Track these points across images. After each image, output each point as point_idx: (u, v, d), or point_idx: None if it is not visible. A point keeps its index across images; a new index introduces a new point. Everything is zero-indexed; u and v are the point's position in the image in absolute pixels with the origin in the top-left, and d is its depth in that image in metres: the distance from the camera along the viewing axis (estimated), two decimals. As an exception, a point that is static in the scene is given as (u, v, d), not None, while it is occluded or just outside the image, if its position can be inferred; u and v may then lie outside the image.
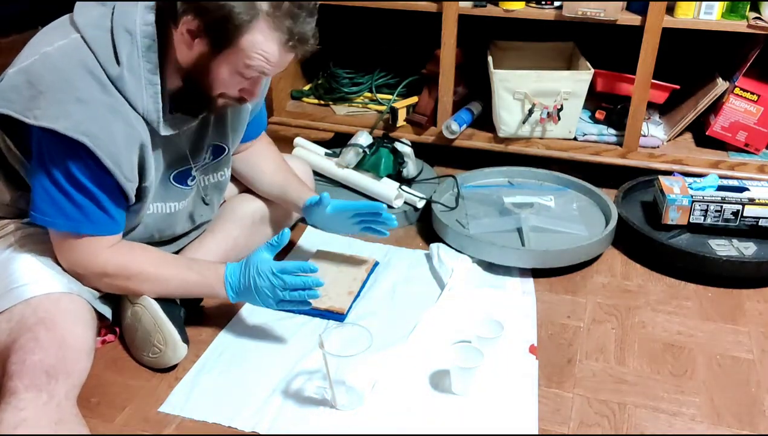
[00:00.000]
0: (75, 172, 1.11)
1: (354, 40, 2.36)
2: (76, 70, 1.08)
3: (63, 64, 1.08)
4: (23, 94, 1.08)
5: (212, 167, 1.39)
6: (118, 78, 1.10)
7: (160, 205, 1.31)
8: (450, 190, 1.88)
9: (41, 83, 1.08)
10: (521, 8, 1.88)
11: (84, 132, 1.07)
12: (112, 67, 1.10)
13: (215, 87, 1.15)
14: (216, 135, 1.36)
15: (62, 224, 1.15)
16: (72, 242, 1.18)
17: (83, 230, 1.17)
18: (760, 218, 1.64)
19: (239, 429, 1.16)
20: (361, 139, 1.91)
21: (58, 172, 1.11)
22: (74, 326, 1.13)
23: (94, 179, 1.12)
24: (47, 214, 1.14)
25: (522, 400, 1.22)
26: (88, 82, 1.08)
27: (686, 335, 1.41)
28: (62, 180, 1.11)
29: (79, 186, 1.12)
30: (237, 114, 1.38)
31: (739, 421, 1.19)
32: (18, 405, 1.00)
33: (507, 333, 1.34)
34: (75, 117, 1.07)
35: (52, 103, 1.07)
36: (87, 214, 1.15)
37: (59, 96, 1.07)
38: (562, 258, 1.58)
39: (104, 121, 1.09)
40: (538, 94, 1.88)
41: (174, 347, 1.26)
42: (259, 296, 1.26)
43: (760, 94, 1.86)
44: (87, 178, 1.12)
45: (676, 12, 1.78)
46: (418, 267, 1.63)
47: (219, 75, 1.13)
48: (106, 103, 1.09)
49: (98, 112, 1.09)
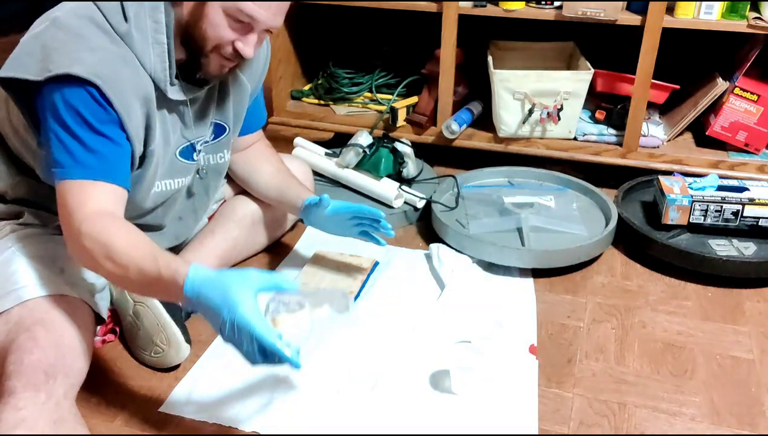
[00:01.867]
0: (87, 115, 1.09)
1: (354, 40, 2.36)
2: (86, 25, 1.10)
3: (73, 22, 1.10)
4: (37, 57, 1.10)
5: (213, 147, 1.39)
6: (126, 34, 1.12)
7: (168, 181, 1.31)
8: (450, 190, 1.88)
9: (54, 42, 1.09)
10: (521, 8, 1.88)
11: (96, 74, 1.08)
12: (120, 24, 1.12)
13: (209, 36, 1.15)
14: (218, 113, 1.36)
15: (77, 172, 1.10)
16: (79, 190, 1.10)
17: (97, 177, 1.11)
18: (760, 218, 1.64)
19: (239, 429, 1.16)
20: (361, 139, 1.91)
21: (70, 118, 1.09)
22: (72, 326, 1.13)
23: (106, 122, 1.11)
24: (64, 166, 1.10)
25: (522, 400, 1.22)
26: (99, 35, 1.11)
27: (686, 335, 1.41)
28: (75, 126, 1.09)
29: (92, 129, 1.10)
30: (238, 92, 1.38)
31: (739, 421, 1.20)
32: (17, 405, 1.00)
33: (507, 333, 1.35)
34: (88, 61, 1.08)
35: (63, 55, 1.08)
36: (100, 158, 1.11)
37: (71, 47, 1.09)
38: (562, 258, 1.58)
39: (114, 67, 1.11)
40: (538, 94, 1.88)
41: (177, 347, 1.26)
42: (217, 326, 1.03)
43: (760, 94, 1.86)
44: (99, 120, 1.10)
45: (676, 12, 1.78)
46: (418, 267, 1.63)
47: (212, 19, 1.13)
48: (116, 52, 1.11)
49: (109, 59, 1.10)
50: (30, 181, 1.24)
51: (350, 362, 1.30)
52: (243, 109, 1.42)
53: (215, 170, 1.43)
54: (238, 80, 1.37)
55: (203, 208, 1.48)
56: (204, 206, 1.48)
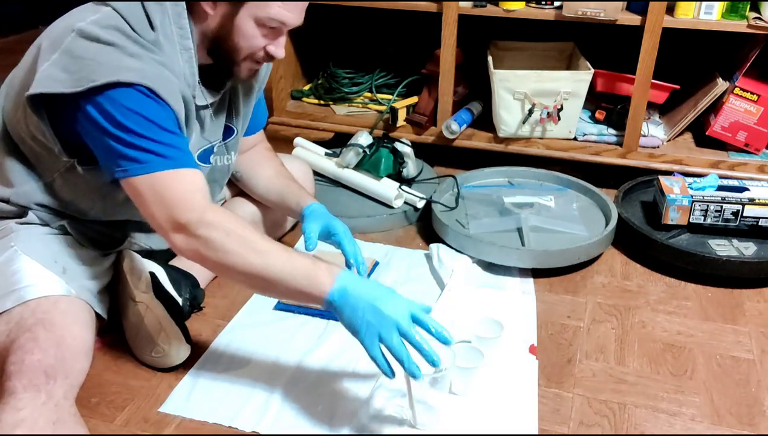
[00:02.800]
0: (143, 111, 1.07)
1: (354, 40, 2.36)
2: (117, 35, 1.09)
3: (102, 33, 1.08)
4: (71, 69, 1.07)
5: (222, 149, 1.40)
6: (155, 42, 1.12)
7: None
8: (450, 190, 1.88)
9: (87, 53, 1.07)
10: (521, 8, 1.88)
11: (146, 76, 1.07)
12: (147, 32, 1.12)
13: (242, 47, 1.18)
14: (228, 116, 1.37)
15: (156, 163, 1.07)
16: (162, 187, 1.08)
17: (177, 165, 1.09)
18: (760, 218, 1.64)
19: (239, 429, 1.16)
20: (361, 139, 1.91)
21: (127, 120, 1.06)
22: (73, 327, 1.13)
23: (167, 122, 1.10)
24: (132, 161, 1.07)
25: (522, 400, 1.22)
26: (131, 44, 1.10)
27: (686, 335, 1.41)
28: (134, 125, 1.06)
29: (152, 122, 1.08)
30: (247, 94, 1.39)
31: (739, 421, 1.20)
32: (16, 405, 1.00)
33: (507, 333, 1.35)
34: (134, 67, 1.07)
35: (103, 64, 1.06)
36: (172, 149, 1.09)
37: (109, 57, 1.07)
38: (562, 258, 1.58)
39: (157, 70, 1.10)
40: (538, 94, 1.88)
41: (178, 347, 1.26)
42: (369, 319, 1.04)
43: (760, 94, 1.86)
44: (154, 113, 1.08)
45: (676, 12, 1.78)
46: (418, 267, 1.63)
47: (245, 31, 1.16)
48: (153, 58, 1.11)
49: (150, 63, 1.10)
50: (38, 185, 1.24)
51: (350, 363, 1.30)
52: (250, 110, 1.44)
53: (222, 172, 1.43)
54: (248, 82, 1.38)
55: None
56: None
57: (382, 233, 1.78)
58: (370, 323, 1.04)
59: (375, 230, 1.78)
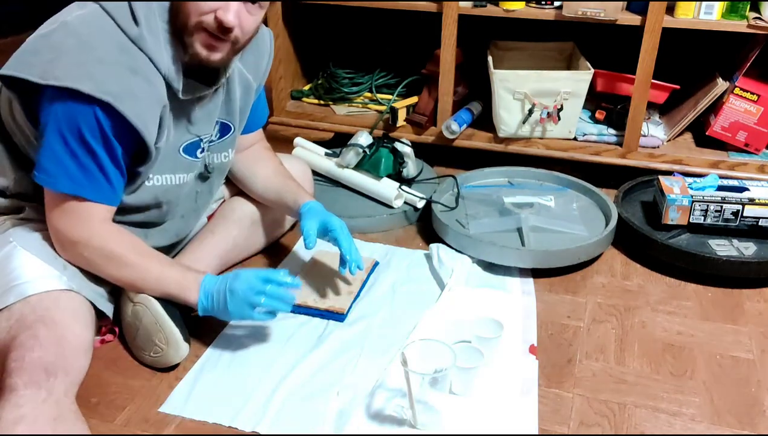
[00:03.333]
0: (86, 133, 1.11)
1: (354, 40, 2.36)
2: (96, 33, 1.10)
3: (83, 29, 1.10)
4: (43, 57, 1.09)
5: (218, 146, 1.40)
6: (138, 37, 1.12)
7: (169, 176, 1.30)
8: (450, 190, 1.88)
9: (62, 47, 1.09)
10: (521, 8, 1.88)
11: (107, 91, 1.08)
12: (131, 28, 1.12)
13: (190, 13, 1.13)
14: (225, 112, 1.37)
15: (65, 184, 1.15)
16: (67, 205, 1.17)
17: (83, 194, 1.16)
18: (760, 218, 1.64)
19: (239, 429, 1.16)
20: (361, 139, 1.91)
21: (69, 132, 1.11)
22: (73, 324, 1.13)
23: (104, 143, 1.13)
24: (51, 175, 1.14)
25: (522, 400, 1.22)
26: (109, 45, 1.10)
27: (686, 335, 1.41)
28: (72, 141, 1.12)
29: (88, 148, 1.13)
30: (245, 91, 1.39)
31: (739, 421, 1.19)
32: (17, 402, 1.00)
33: (507, 333, 1.35)
34: (98, 77, 1.08)
35: (73, 65, 1.08)
36: (90, 178, 1.15)
37: (80, 58, 1.08)
38: (562, 258, 1.58)
39: (126, 80, 1.11)
40: (538, 94, 1.88)
41: (176, 347, 1.26)
42: (231, 300, 1.23)
43: (760, 94, 1.86)
44: (98, 141, 1.13)
45: (676, 12, 1.78)
46: (418, 267, 1.63)
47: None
48: (126, 63, 1.11)
49: (119, 72, 1.10)
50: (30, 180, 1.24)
51: (350, 363, 1.30)
52: (248, 107, 1.43)
53: (219, 169, 1.43)
54: (245, 79, 1.37)
55: (205, 206, 1.48)
56: (206, 205, 1.48)
57: (382, 233, 1.78)
58: (234, 308, 1.24)
59: (375, 230, 1.78)
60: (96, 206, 1.19)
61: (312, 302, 1.44)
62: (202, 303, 1.26)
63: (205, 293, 1.25)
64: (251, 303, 1.24)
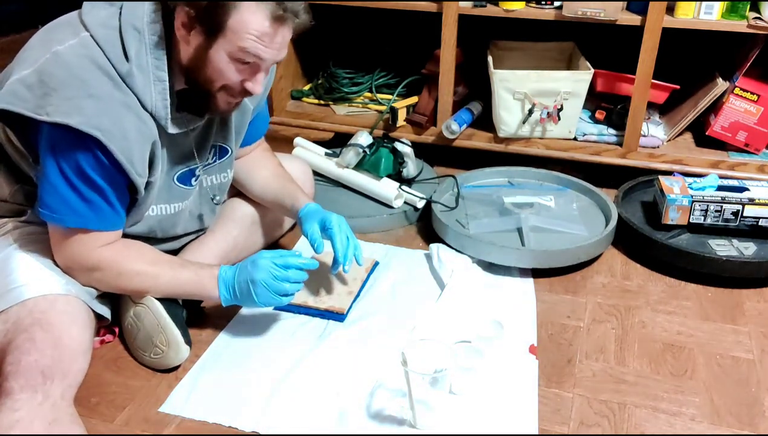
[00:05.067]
0: (85, 167, 1.11)
1: (354, 40, 2.36)
2: (88, 67, 1.09)
3: (74, 62, 1.09)
4: (35, 92, 1.09)
5: (216, 168, 1.40)
6: (128, 74, 1.11)
7: (163, 206, 1.31)
8: (450, 190, 1.88)
9: (53, 81, 1.08)
10: (521, 8, 1.88)
11: (96, 126, 1.08)
12: (121, 64, 1.11)
13: (215, 79, 1.15)
14: (220, 136, 1.36)
15: (70, 220, 1.15)
16: (74, 237, 1.18)
17: (90, 226, 1.17)
18: (760, 218, 1.64)
19: (239, 429, 1.16)
20: (361, 139, 1.91)
21: (68, 167, 1.11)
22: (70, 327, 1.13)
23: (103, 174, 1.13)
24: (55, 211, 1.14)
25: (522, 400, 1.22)
26: (100, 79, 1.10)
27: (686, 335, 1.41)
28: (72, 176, 1.12)
29: (89, 181, 1.13)
30: (240, 114, 1.38)
31: (739, 421, 1.20)
32: (13, 406, 1.00)
33: (507, 333, 1.35)
34: (88, 112, 1.07)
35: (64, 100, 1.07)
36: (95, 209, 1.16)
37: (71, 92, 1.08)
38: (562, 258, 1.58)
39: (117, 115, 1.10)
40: (538, 94, 1.88)
41: (176, 348, 1.26)
42: (256, 291, 1.25)
43: (760, 94, 1.86)
44: (97, 173, 1.12)
45: (676, 12, 1.78)
46: (418, 267, 1.63)
47: (217, 64, 1.13)
48: (118, 98, 1.11)
49: (110, 107, 1.10)
50: (28, 189, 1.24)
51: (350, 363, 1.30)
52: (244, 127, 1.42)
53: (220, 188, 1.44)
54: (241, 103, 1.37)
55: (209, 222, 1.48)
56: (210, 221, 1.49)
57: (382, 233, 1.78)
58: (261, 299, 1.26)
59: (375, 230, 1.78)
60: (102, 234, 1.20)
61: (312, 302, 1.44)
62: (225, 296, 1.27)
63: (226, 285, 1.27)
64: (278, 291, 1.26)
